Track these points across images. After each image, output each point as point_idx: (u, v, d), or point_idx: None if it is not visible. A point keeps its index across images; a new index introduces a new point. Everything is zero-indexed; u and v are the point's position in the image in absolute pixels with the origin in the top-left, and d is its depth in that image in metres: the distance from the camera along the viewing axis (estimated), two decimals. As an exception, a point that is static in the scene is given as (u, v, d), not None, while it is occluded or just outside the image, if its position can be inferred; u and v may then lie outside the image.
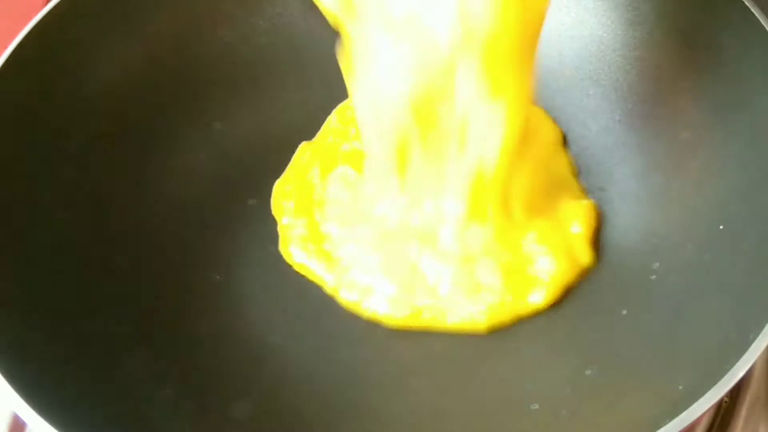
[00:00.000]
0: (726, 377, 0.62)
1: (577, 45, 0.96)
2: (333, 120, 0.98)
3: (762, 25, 0.77)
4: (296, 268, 0.87)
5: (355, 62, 0.78)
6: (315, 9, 1.03)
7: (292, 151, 0.96)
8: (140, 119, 0.91)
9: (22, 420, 0.63)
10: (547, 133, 0.92)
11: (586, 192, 0.90)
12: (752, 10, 0.78)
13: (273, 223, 0.91)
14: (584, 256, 0.84)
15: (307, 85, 1.00)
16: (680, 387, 0.67)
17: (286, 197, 0.91)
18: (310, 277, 0.86)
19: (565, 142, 0.94)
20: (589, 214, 0.86)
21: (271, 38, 0.99)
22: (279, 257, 0.88)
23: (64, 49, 0.86)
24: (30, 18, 0.83)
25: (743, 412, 0.79)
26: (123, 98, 0.90)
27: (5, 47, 0.81)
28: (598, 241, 0.87)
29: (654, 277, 0.81)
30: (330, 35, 1.03)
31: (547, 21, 0.99)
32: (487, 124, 0.73)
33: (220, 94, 0.97)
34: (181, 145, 0.93)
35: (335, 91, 0.99)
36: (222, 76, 0.97)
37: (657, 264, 0.82)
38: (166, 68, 0.94)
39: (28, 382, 0.65)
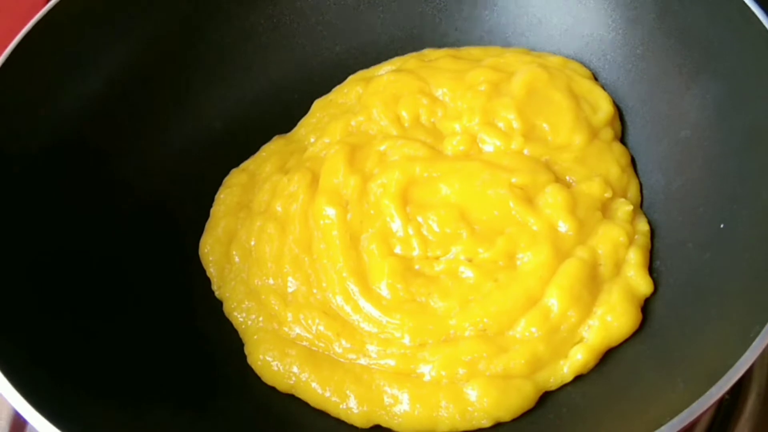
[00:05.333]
0: (726, 377, 0.62)
1: (577, 45, 0.96)
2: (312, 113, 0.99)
3: (762, 25, 0.77)
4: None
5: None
6: (314, 9, 1.04)
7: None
8: (139, 117, 0.91)
9: (23, 418, 0.63)
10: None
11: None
12: (752, 9, 0.78)
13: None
14: None
15: (307, 83, 1.01)
16: (681, 385, 0.67)
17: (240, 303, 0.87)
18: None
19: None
20: None
21: (271, 38, 1.00)
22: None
23: (64, 48, 0.86)
24: (30, 18, 0.83)
25: (744, 410, 0.79)
26: (122, 96, 0.90)
27: (5, 47, 0.81)
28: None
29: (654, 275, 0.81)
30: (330, 35, 1.04)
31: (548, 21, 1.01)
32: None
33: (220, 92, 0.97)
34: (180, 142, 0.94)
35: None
36: (222, 74, 0.98)
37: (657, 262, 0.82)
38: (165, 68, 0.94)
39: (29, 381, 0.65)
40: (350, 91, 0.99)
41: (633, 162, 0.90)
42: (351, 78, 1.01)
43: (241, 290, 0.86)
